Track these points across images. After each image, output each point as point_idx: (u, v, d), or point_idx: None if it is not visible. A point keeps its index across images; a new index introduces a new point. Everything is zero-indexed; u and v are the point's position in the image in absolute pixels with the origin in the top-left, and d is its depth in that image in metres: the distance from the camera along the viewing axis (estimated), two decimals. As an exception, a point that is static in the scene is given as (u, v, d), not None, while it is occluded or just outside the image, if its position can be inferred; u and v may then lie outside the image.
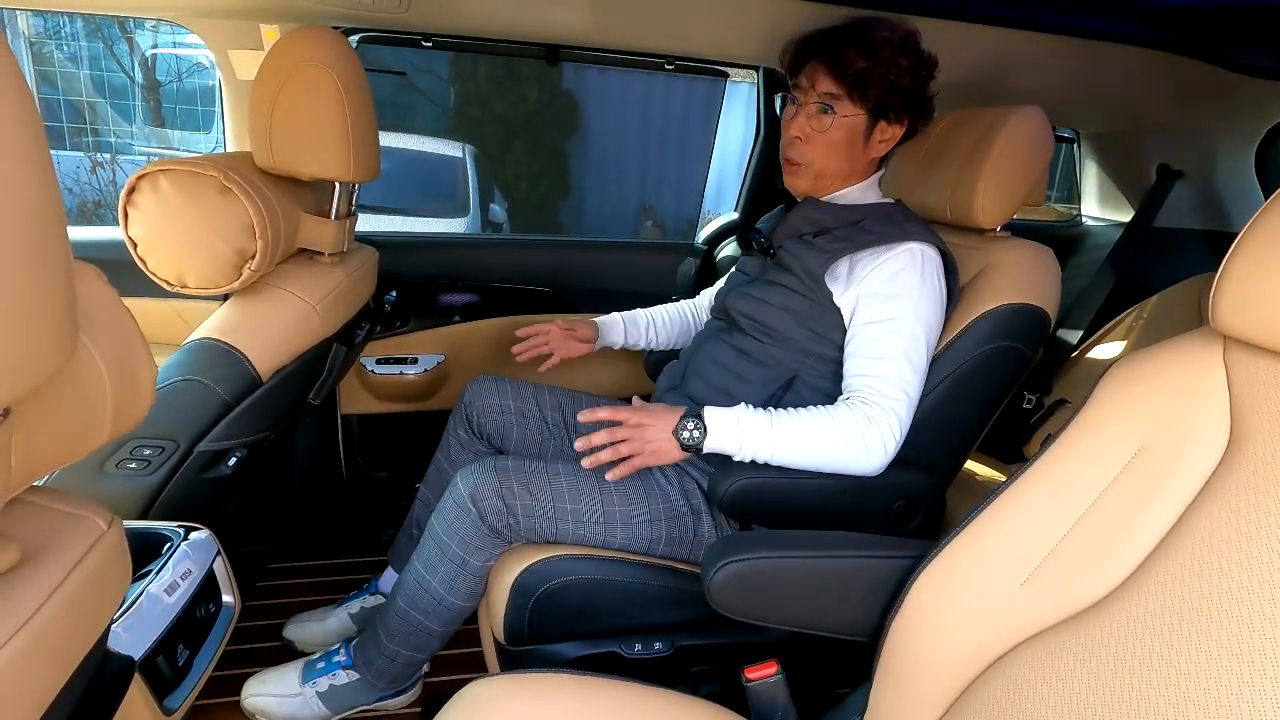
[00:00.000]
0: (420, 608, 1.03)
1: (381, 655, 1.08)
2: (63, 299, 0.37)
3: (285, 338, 1.09)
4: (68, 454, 0.45)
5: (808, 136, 1.07)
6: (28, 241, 0.33)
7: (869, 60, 1.01)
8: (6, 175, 0.32)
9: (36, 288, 0.34)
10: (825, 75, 1.04)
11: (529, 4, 1.32)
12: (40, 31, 4.81)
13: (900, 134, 1.09)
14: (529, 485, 0.98)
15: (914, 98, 1.06)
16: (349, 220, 1.27)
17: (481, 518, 0.97)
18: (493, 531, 0.98)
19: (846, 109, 1.04)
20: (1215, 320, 0.56)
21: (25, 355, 0.34)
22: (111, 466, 0.94)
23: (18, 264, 0.33)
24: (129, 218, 0.98)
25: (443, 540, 1.00)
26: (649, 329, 1.39)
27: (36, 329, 0.35)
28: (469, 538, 0.98)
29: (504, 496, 0.97)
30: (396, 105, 5.35)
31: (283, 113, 1.08)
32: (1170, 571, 0.52)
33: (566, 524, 0.98)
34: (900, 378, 0.97)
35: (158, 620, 0.74)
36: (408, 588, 1.04)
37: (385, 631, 1.07)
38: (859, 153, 1.08)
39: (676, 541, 1.02)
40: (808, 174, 1.10)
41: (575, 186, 6.07)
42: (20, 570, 0.43)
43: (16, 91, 0.32)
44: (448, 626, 1.05)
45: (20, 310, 0.33)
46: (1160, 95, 1.54)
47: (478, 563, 0.99)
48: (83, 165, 4.38)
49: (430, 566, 1.01)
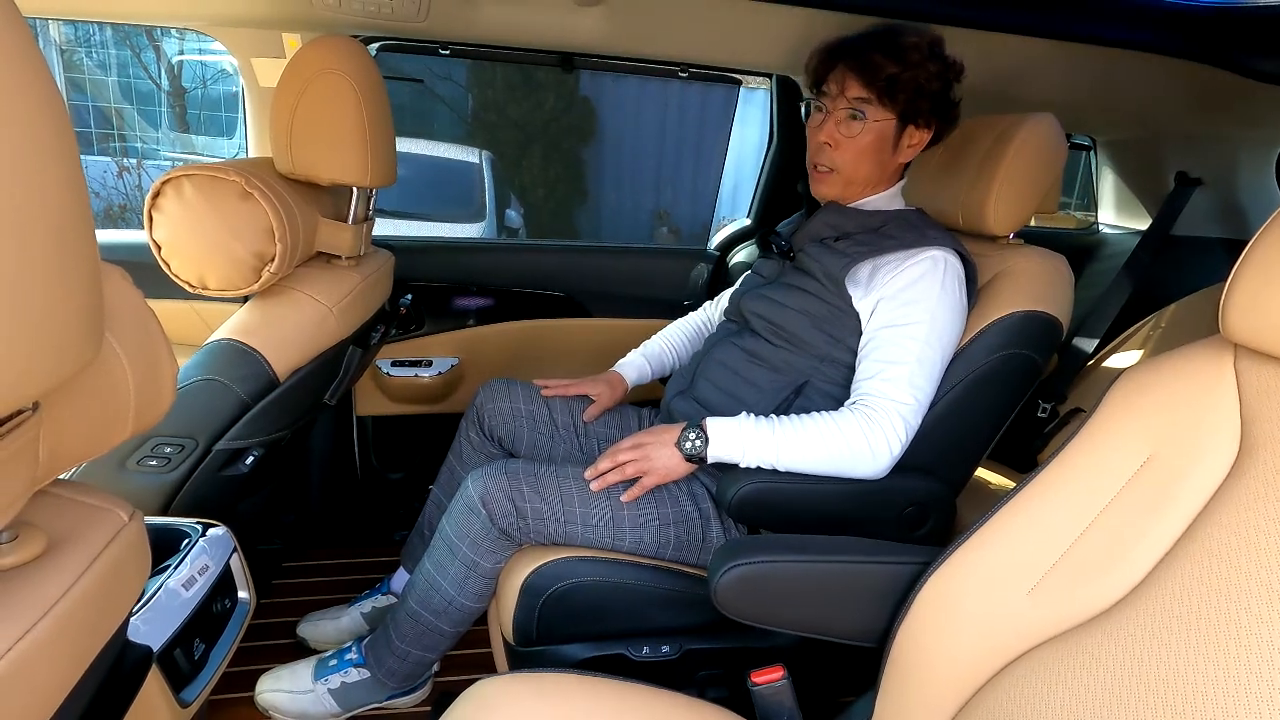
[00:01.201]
0: (431, 608, 1.04)
1: (393, 655, 1.09)
2: (90, 297, 0.38)
3: (302, 339, 1.11)
4: (92, 448, 0.47)
5: (837, 142, 1.07)
6: (57, 242, 0.35)
7: (899, 65, 1.02)
8: (38, 177, 0.33)
9: (65, 286, 0.36)
10: (855, 81, 1.04)
11: (545, 12, 1.33)
12: (71, 39, 4.93)
13: (927, 139, 1.09)
14: (539, 488, 0.99)
15: (942, 102, 1.07)
16: (366, 224, 1.29)
17: (491, 520, 0.98)
18: (502, 534, 0.99)
19: (877, 114, 1.04)
20: (1225, 328, 0.56)
21: (54, 350, 0.36)
22: (133, 464, 0.96)
23: (48, 263, 0.34)
24: (153, 221, 1.01)
25: (453, 542, 1.01)
26: (665, 355, 1.37)
27: (65, 325, 0.36)
28: (479, 539, 0.99)
29: (514, 499, 0.97)
30: (416, 112, 5.42)
31: (303, 119, 1.10)
32: (1179, 581, 0.52)
33: (575, 527, 0.99)
34: (910, 382, 0.96)
35: (175, 614, 0.76)
36: (419, 588, 1.05)
37: (397, 631, 1.08)
38: (888, 158, 1.08)
39: (685, 546, 1.03)
40: (837, 181, 1.10)
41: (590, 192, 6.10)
42: (45, 559, 0.44)
43: (49, 99, 0.34)
44: (458, 627, 1.06)
45: (50, 307, 0.35)
46: (1177, 102, 1.53)
47: (488, 564, 1.00)
48: (109, 170, 4.48)
49: (441, 568, 1.02)
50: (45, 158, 0.34)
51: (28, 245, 0.33)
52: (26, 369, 0.34)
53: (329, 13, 1.30)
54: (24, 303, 0.33)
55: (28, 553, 0.43)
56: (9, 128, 0.31)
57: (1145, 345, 1.50)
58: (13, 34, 0.31)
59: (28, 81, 0.32)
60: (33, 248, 0.33)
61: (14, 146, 0.32)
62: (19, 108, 0.32)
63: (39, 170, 0.33)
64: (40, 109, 0.33)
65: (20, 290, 0.33)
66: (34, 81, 0.33)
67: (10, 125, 0.31)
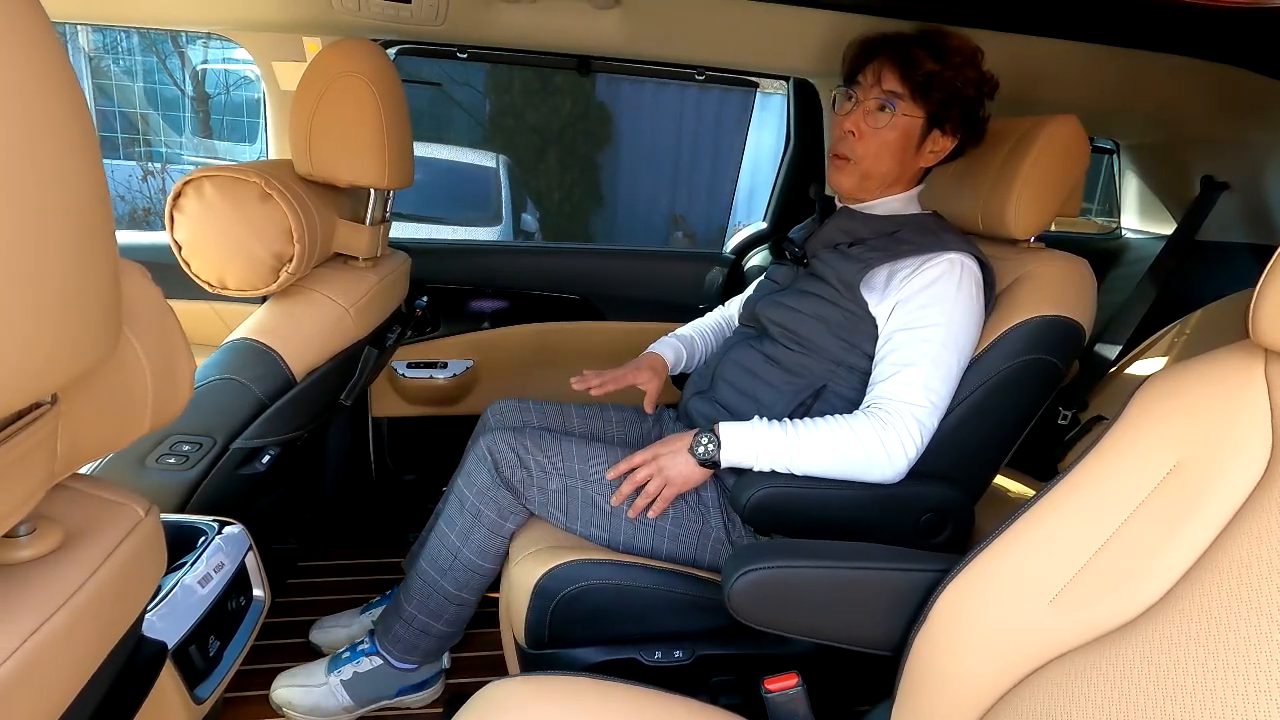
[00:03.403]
0: (437, 565, 1.07)
1: (400, 619, 1.12)
2: (108, 292, 0.39)
3: (319, 339, 1.12)
4: (110, 442, 0.47)
5: (861, 132, 1.06)
6: (77, 237, 0.35)
7: (939, 64, 1.01)
8: (61, 175, 0.34)
9: (84, 280, 0.36)
10: (892, 73, 1.03)
11: (562, 15, 1.34)
12: (99, 47, 5.04)
13: (950, 148, 1.08)
14: (542, 445, 1.04)
15: (971, 112, 1.06)
16: (383, 226, 1.30)
17: (496, 468, 1.02)
18: (505, 485, 1.02)
19: (907, 108, 1.04)
20: (1255, 333, 0.54)
21: (72, 343, 0.36)
22: (152, 461, 0.98)
23: (67, 258, 0.35)
24: (175, 222, 1.02)
25: (462, 492, 1.05)
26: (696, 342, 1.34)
27: (83, 319, 0.37)
28: (485, 489, 1.03)
29: (517, 451, 1.02)
30: (434, 116, 5.47)
31: (322, 121, 1.11)
32: (1207, 592, 0.50)
33: (575, 482, 1.02)
34: (925, 385, 0.95)
35: (191, 610, 0.77)
36: (429, 546, 1.09)
37: (405, 594, 1.11)
38: (909, 158, 1.07)
39: (693, 546, 1.02)
40: (854, 171, 1.08)
41: (606, 196, 6.12)
42: (62, 552, 0.45)
43: (72, 101, 0.34)
44: (461, 590, 1.07)
45: (69, 300, 0.35)
46: (1203, 105, 1.50)
47: (492, 514, 1.03)
48: (134, 174, 4.57)
49: (450, 521, 1.07)
50: (67, 157, 0.34)
51: (48, 241, 0.33)
52: (45, 361, 0.34)
53: (349, 16, 1.32)
54: (43, 296, 0.33)
55: (45, 546, 0.43)
56: (34, 129, 0.32)
57: (1170, 352, 1.47)
58: (40, 38, 0.32)
59: (53, 85, 0.33)
60: (53, 243, 0.34)
61: (38, 147, 0.32)
62: (45, 112, 0.33)
63: (61, 169, 0.34)
64: (64, 113, 0.34)
65: (40, 284, 0.33)
66: (58, 85, 0.33)
67: (35, 128, 0.32)
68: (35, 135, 0.32)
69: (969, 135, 1.08)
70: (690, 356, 1.31)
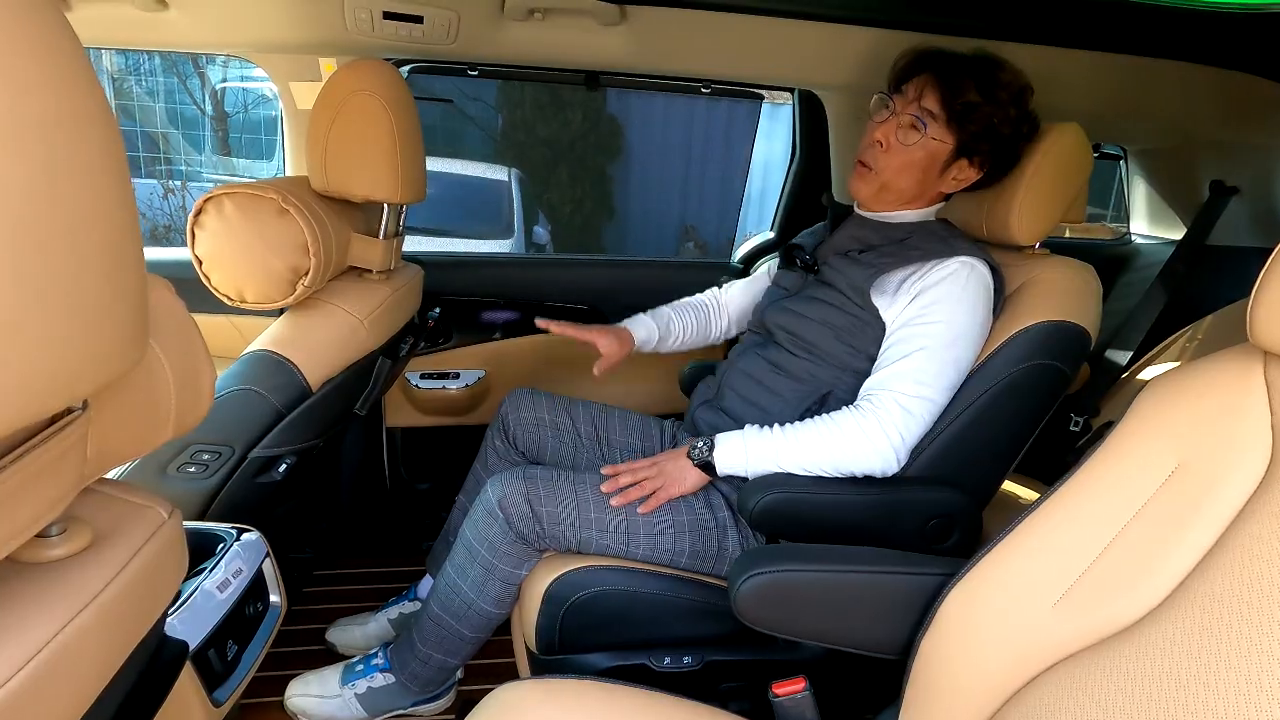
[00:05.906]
0: (452, 612, 1.05)
1: (415, 658, 1.11)
2: (137, 303, 0.41)
3: (334, 350, 1.14)
4: (136, 447, 0.49)
5: (889, 145, 1.05)
6: (108, 251, 0.37)
7: (982, 97, 1.00)
8: (97, 193, 0.36)
9: (115, 292, 0.38)
10: (933, 93, 1.02)
11: (570, 32, 1.37)
12: (122, 68, 5.17)
13: (974, 179, 1.07)
14: (555, 493, 1.00)
15: (1005, 149, 1.04)
16: (397, 240, 1.32)
17: (509, 523, 1.00)
18: (520, 538, 1.00)
19: (937, 132, 1.02)
20: (1254, 336, 0.55)
21: (103, 352, 0.38)
22: (173, 469, 1.00)
23: (100, 270, 0.37)
24: (195, 237, 1.05)
25: (473, 546, 1.03)
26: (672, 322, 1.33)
27: (114, 329, 0.39)
28: (497, 543, 1.01)
29: (531, 503, 0.99)
30: (446, 131, 5.54)
31: (337, 138, 1.14)
32: (1209, 594, 0.51)
33: (590, 532, 1.00)
34: (915, 376, 0.96)
35: (210, 614, 0.78)
36: (441, 592, 1.07)
37: (420, 635, 1.10)
38: (930, 181, 1.07)
39: (700, 555, 1.03)
40: (874, 182, 1.08)
41: (617, 209, 6.16)
42: (90, 551, 0.47)
43: (106, 126, 0.37)
44: (478, 632, 1.07)
45: (100, 311, 0.37)
46: (1211, 110, 1.50)
47: (506, 568, 1.02)
48: (156, 192, 4.66)
49: (461, 571, 1.04)
50: (99, 176, 0.36)
51: (82, 254, 0.35)
52: (78, 368, 0.36)
53: (363, 37, 1.35)
54: (77, 306, 0.35)
55: (75, 545, 0.45)
56: (68, 149, 0.34)
57: (1181, 357, 1.47)
58: (78, 70, 0.34)
59: (88, 113, 0.35)
60: (87, 257, 0.36)
61: (73, 166, 0.34)
62: (84, 138, 0.35)
63: (93, 186, 0.36)
64: (99, 138, 0.36)
65: (75, 295, 0.35)
66: (94, 112, 0.36)
67: (70, 148, 0.34)
68: (73, 159, 0.34)
69: (997, 169, 1.07)
70: (665, 337, 1.30)
